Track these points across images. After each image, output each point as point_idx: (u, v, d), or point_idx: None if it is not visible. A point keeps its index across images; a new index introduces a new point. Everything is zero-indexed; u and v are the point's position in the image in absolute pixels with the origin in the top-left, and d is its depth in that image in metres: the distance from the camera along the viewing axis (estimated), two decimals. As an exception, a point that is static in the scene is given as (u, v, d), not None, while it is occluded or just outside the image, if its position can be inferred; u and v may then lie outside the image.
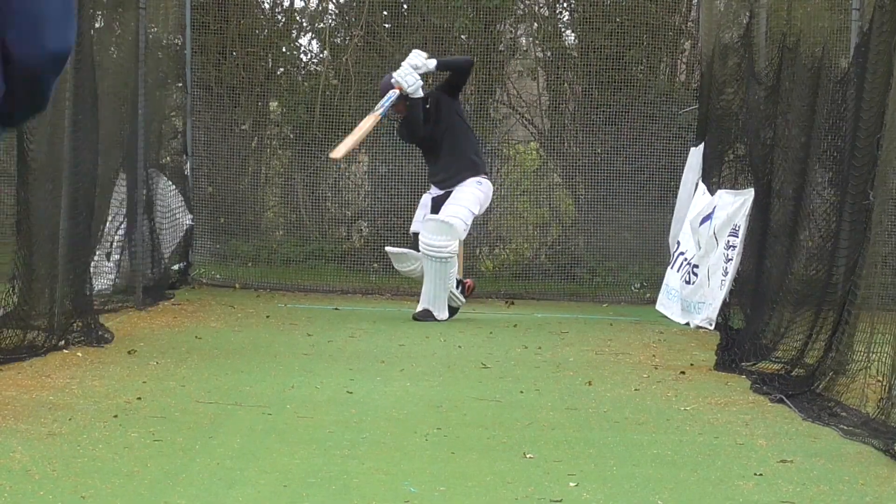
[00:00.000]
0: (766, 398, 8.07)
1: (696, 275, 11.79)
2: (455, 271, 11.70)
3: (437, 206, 11.70)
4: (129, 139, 11.64)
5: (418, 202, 12.11)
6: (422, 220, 11.77)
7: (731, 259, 11.36)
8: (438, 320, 11.65)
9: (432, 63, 11.74)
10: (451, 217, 11.54)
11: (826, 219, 8.87)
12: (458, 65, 11.92)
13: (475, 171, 11.75)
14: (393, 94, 11.62)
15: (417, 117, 11.61)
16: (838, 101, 8.79)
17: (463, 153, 11.73)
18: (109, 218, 11.33)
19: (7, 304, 8.45)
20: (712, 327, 11.35)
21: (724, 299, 11.33)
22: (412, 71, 11.61)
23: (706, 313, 11.52)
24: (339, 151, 11.50)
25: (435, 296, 11.63)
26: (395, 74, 11.65)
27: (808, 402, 7.65)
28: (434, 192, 11.85)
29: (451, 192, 11.70)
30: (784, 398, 7.82)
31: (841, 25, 10.86)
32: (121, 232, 11.60)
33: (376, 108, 11.67)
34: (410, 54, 11.81)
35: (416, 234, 11.80)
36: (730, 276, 11.31)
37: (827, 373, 7.79)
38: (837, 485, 5.83)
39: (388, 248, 12.19)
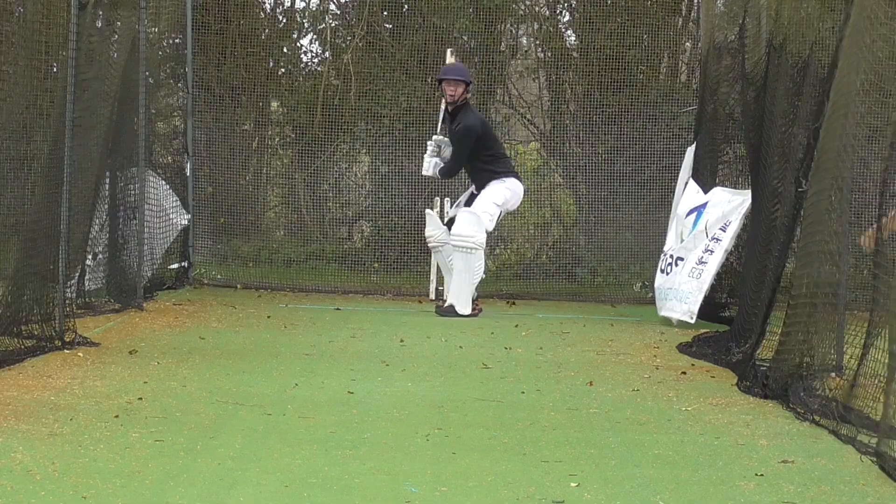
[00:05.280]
0: (765, 398, 8.08)
1: (677, 265, 11.78)
2: (481, 266, 12.30)
3: (470, 202, 12.51)
4: (129, 139, 11.61)
5: (419, 202, 12.38)
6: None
7: (713, 251, 11.36)
8: (461, 315, 12.15)
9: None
10: (477, 209, 12.27)
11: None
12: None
13: (497, 176, 12.39)
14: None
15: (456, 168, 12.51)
16: (819, 100, 8.76)
17: (483, 171, 12.39)
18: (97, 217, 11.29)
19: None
20: (693, 321, 11.37)
21: (706, 293, 11.36)
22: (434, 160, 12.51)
23: (687, 306, 11.51)
24: None
25: (460, 289, 12.22)
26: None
27: (803, 400, 7.64)
28: (474, 189, 12.63)
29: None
30: (767, 396, 7.84)
31: (836, 25, 10.85)
32: (106, 231, 11.56)
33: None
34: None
35: (451, 219, 12.53)
36: (711, 270, 11.32)
37: (816, 373, 7.77)
38: (838, 485, 5.84)
39: (427, 210, 12.79)
